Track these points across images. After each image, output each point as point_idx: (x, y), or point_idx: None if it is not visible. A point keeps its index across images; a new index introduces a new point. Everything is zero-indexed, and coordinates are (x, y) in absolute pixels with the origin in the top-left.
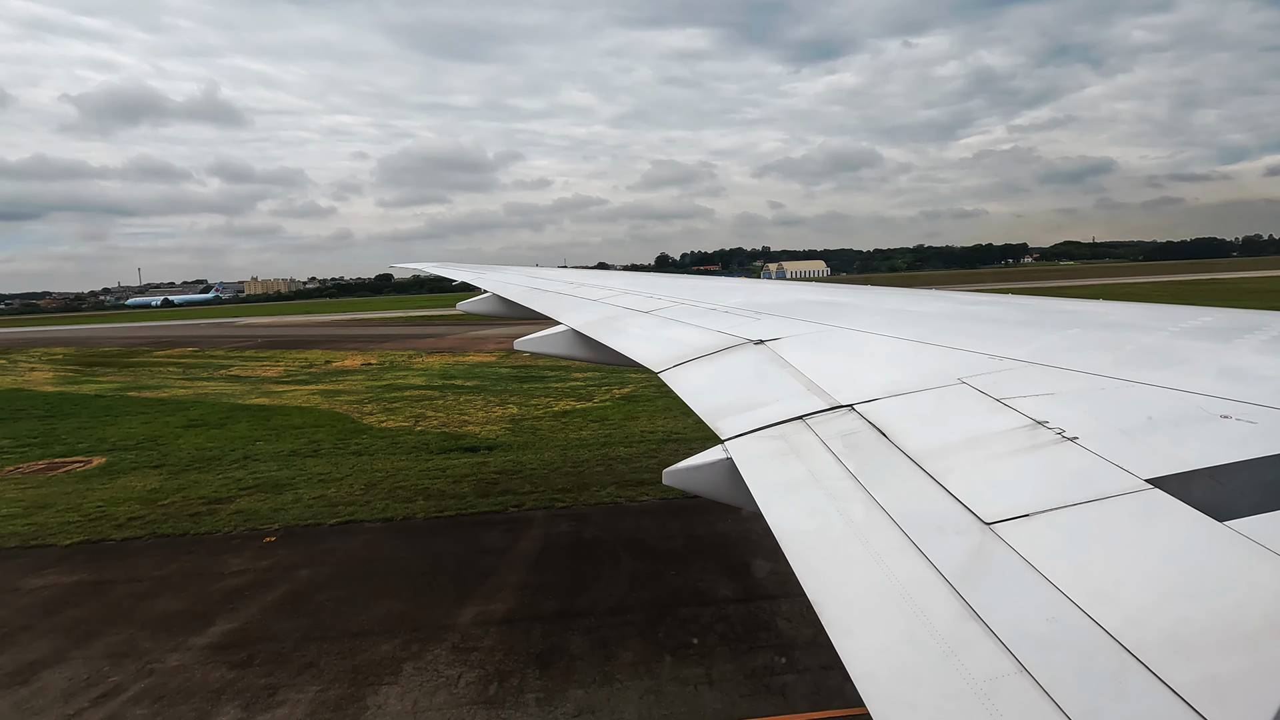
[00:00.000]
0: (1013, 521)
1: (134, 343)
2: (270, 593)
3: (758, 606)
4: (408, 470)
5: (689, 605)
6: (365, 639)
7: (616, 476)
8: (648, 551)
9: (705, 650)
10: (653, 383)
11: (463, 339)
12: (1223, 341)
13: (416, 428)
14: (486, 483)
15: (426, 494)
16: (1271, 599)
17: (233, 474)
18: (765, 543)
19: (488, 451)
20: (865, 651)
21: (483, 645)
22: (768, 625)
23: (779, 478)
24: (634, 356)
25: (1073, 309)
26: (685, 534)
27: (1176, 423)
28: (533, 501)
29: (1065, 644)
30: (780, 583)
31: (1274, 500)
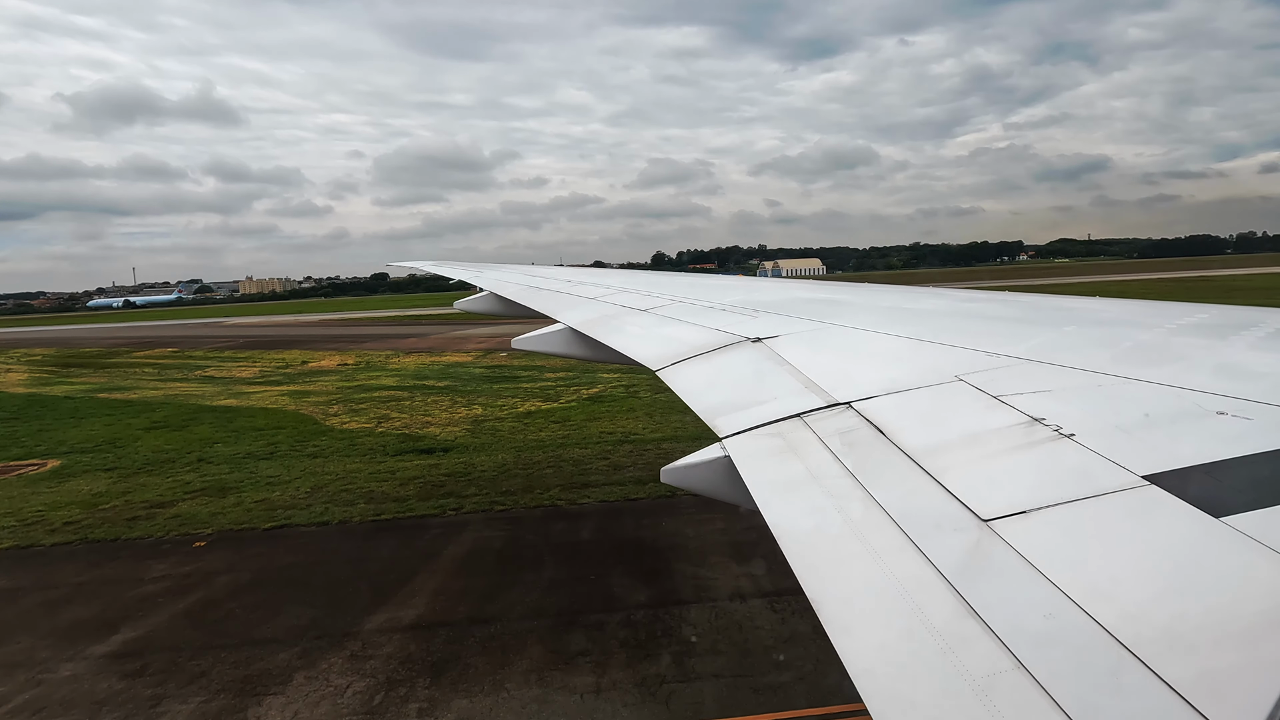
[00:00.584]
0: (1010, 518)
1: (116, 343)
2: (184, 600)
3: (668, 613)
4: (358, 473)
5: (600, 611)
6: (265, 647)
7: (564, 479)
8: (573, 555)
9: (603, 658)
10: (621, 383)
11: (444, 339)
12: (1219, 338)
13: (378, 429)
14: (433, 485)
15: (370, 497)
16: (1267, 595)
17: (183, 477)
18: (692, 545)
19: (443, 453)
20: (864, 649)
21: (381, 653)
22: (672, 632)
23: (777, 476)
24: (632, 355)
25: (1069, 306)
26: (616, 538)
27: (1173, 419)
28: (473, 505)
29: (1062, 640)
30: (698, 588)
31: (1270, 496)
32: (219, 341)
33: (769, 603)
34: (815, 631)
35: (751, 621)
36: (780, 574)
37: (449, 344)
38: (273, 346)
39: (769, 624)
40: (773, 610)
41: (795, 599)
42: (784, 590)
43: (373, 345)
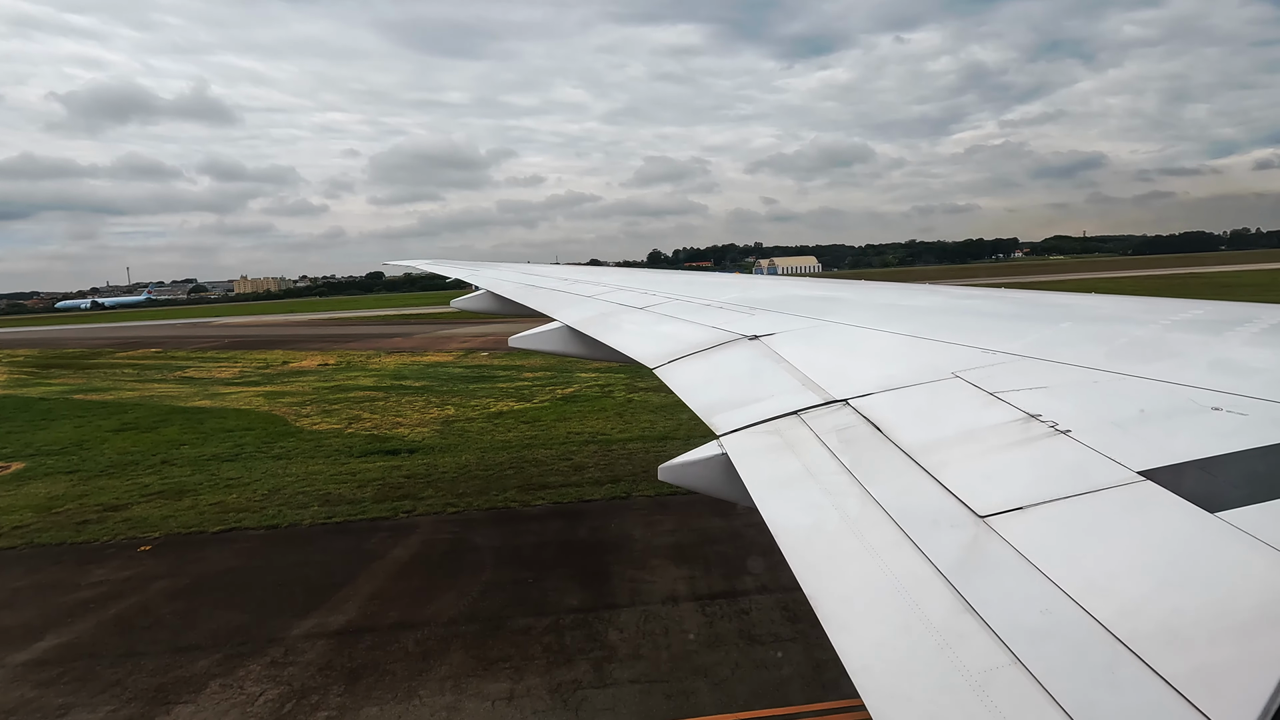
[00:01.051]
0: (1007, 515)
1: (101, 344)
2: (116, 606)
3: (598, 617)
4: (319, 475)
5: (531, 615)
6: (188, 654)
7: (524, 480)
8: (516, 558)
9: (524, 663)
10: (597, 383)
11: (429, 338)
12: (1214, 334)
13: (347, 430)
14: (392, 487)
15: (326, 500)
16: (1262, 589)
17: (143, 479)
18: (638, 548)
19: (408, 454)
20: (861, 645)
21: (302, 660)
22: (597, 637)
23: (774, 473)
24: (629, 353)
25: (1065, 303)
26: (562, 540)
27: (1168, 415)
28: (426, 507)
29: (1059, 636)
30: (633, 591)
31: (1265, 491)
32: (204, 342)
33: (700, 606)
34: (740, 635)
35: (680, 625)
36: (717, 576)
37: (433, 343)
38: (257, 347)
39: (696, 628)
40: (702, 614)
41: (727, 602)
42: (718, 593)
43: (357, 345)
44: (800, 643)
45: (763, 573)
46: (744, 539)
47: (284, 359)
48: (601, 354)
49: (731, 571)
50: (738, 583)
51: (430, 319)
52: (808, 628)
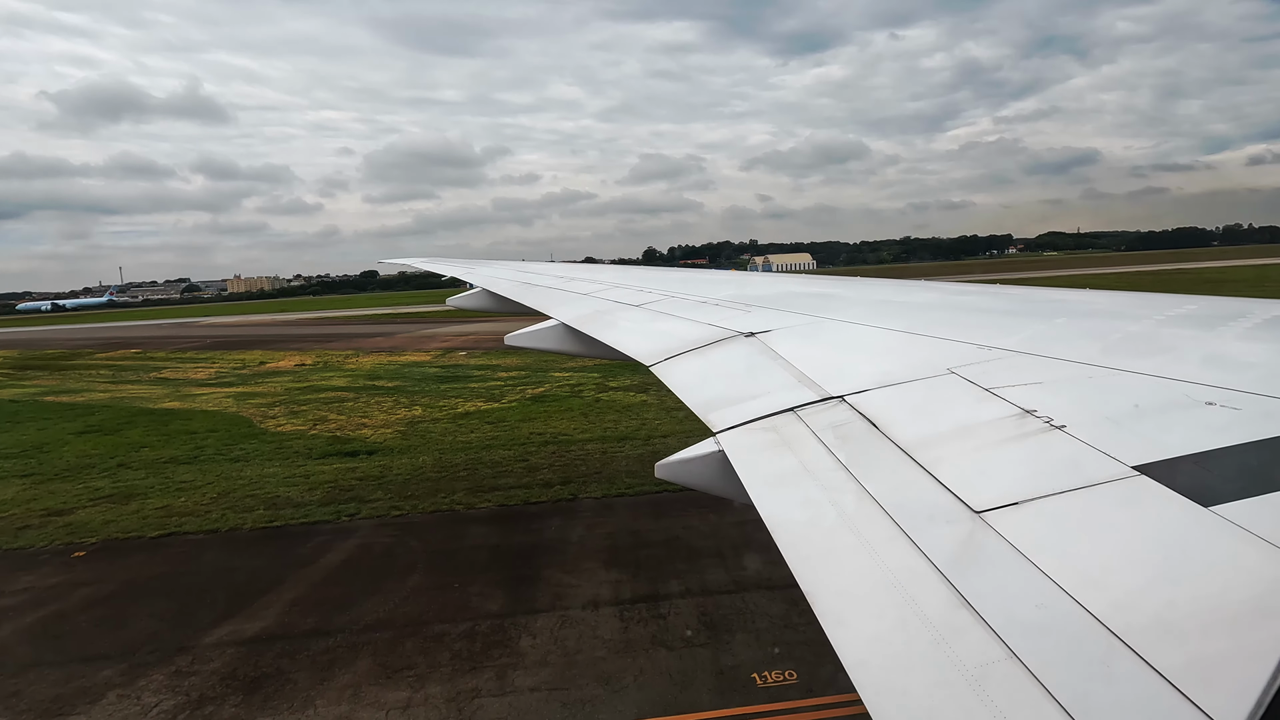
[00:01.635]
0: (1002, 510)
1: (82, 344)
2: (35, 613)
3: (514, 623)
4: (272, 477)
5: (448, 621)
6: (93, 664)
7: (475, 482)
8: (447, 562)
9: (429, 671)
10: (569, 382)
11: (410, 338)
12: (1207, 329)
13: (311, 431)
14: (342, 489)
15: (272, 503)
16: (1255, 582)
17: (95, 483)
18: (571, 551)
19: (367, 456)
20: (857, 640)
21: (207, 669)
22: (509, 643)
23: (771, 469)
24: (625, 350)
25: (1059, 298)
26: (498, 543)
27: (1162, 410)
28: (371, 510)
29: (1054, 630)
30: (556, 596)
31: (1258, 485)
32: (186, 342)
33: (620, 611)
34: (652, 641)
35: (594, 631)
36: (644, 581)
37: (413, 343)
38: (238, 347)
39: (611, 633)
40: (620, 619)
41: (647, 607)
42: (641, 598)
43: (338, 345)
44: (710, 648)
45: (689, 576)
46: (680, 541)
47: (262, 359)
48: (598, 351)
49: (660, 576)
50: (663, 587)
51: (419, 318)
52: (721, 633)
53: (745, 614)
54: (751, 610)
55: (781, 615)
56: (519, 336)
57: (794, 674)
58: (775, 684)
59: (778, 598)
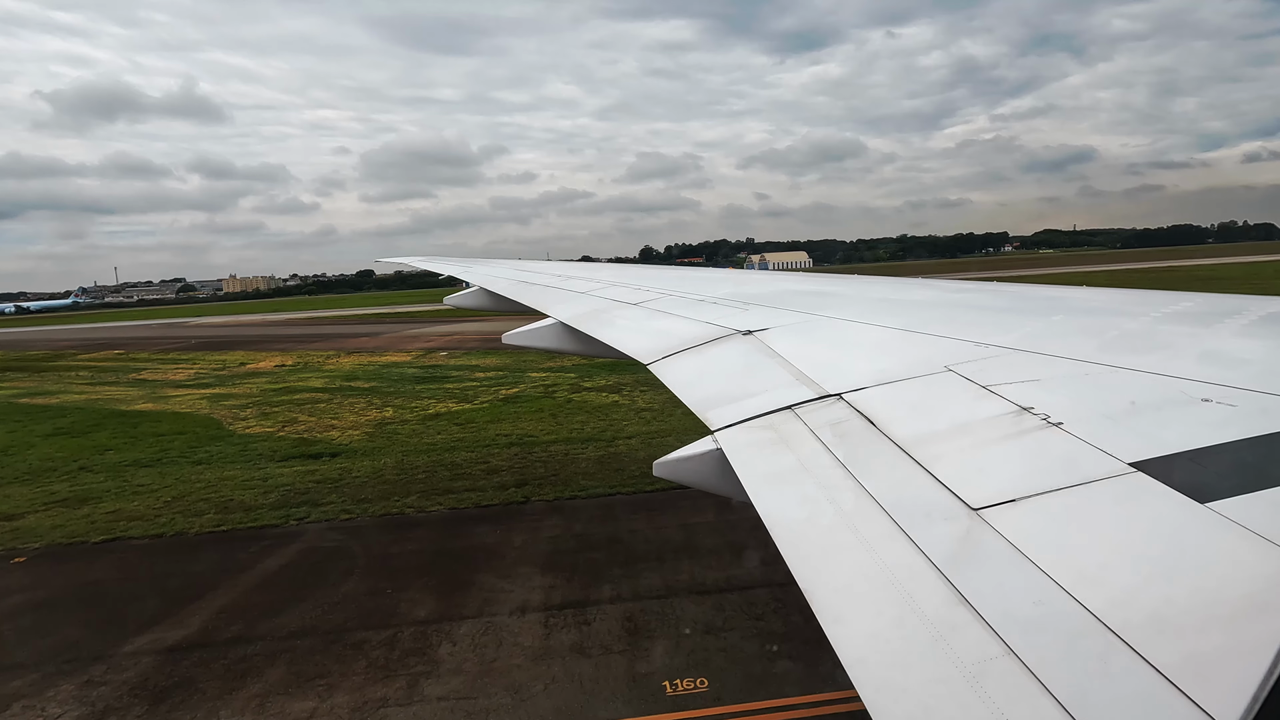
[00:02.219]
0: (999, 507)
1: (65, 345)
2: None
3: (438, 629)
4: (230, 481)
5: (373, 628)
6: (7, 673)
7: (432, 485)
8: (386, 567)
9: (340, 680)
10: (545, 382)
11: (395, 338)
12: (1203, 326)
13: (279, 433)
14: (297, 493)
15: (224, 507)
16: (1251, 578)
17: (53, 487)
18: (512, 555)
19: (330, 458)
20: (856, 637)
21: (119, 679)
22: (428, 651)
23: (769, 467)
24: (622, 349)
25: (1056, 296)
26: (440, 547)
27: (1158, 407)
28: (321, 514)
29: (1052, 626)
30: (486, 601)
31: (1254, 481)
32: (172, 343)
33: (547, 617)
34: (571, 648)
35: (515, 638)
36: (577, 586)
37: (397, 343)
38: (222, 348)
39: (532, 640)
40: (544, 626)
41: (575, 613)
42: (571, 603)
43: (322, 345)
44: (627, 656)
45: (623, 581)
46: (622, 545)
47: (243, 360)
48: (596, 350)
49: (594, 580)
50: (594, 592)
51: (410, 318)
52: (642, 640)
53: (670, 620)
54: (677, 616)
55: (706, 621)
56: (516, 335)
57: (705, 682)
58: (684, 692)
59: (706, 603)
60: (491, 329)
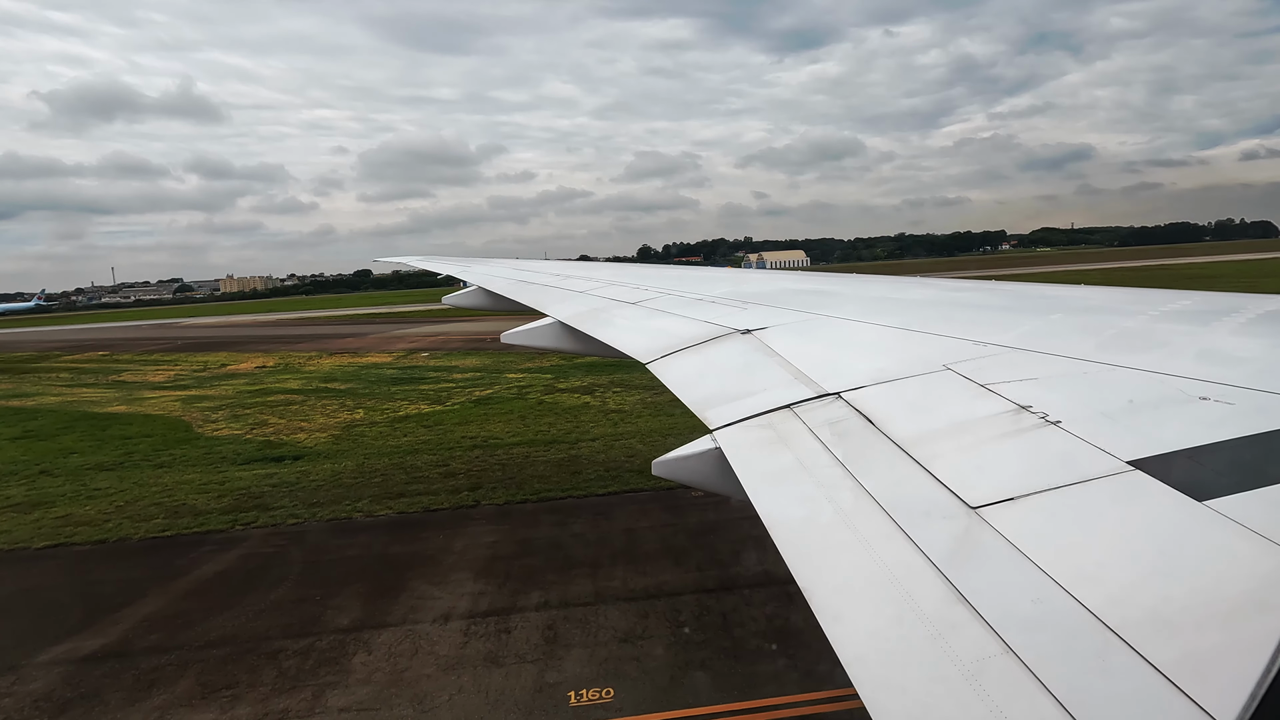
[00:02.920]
0: (998, 505)
1: (53, 346)
2: None
3: (357, 638)
4: (188, 484)
5: (291, 637)
6: None
7: (386, 488)
8: (320, 574)
9: (246, 691)
10: (520, 383)
11: (380, 338)
12: (1201, 324)
13: (246, 436)
14: (251, 497)
15: (174, 511)
16: (1249, 576)
17: (9, 491)
18: (449, 561)
19: (292, 461)
20: (855, 636)
21: (25, 690)
22: (342, 660)
23: (768, 466)
24: (621, 348)
25: (1055, 294)
26: (378, 554)
27: (1156, 405)
28: (269, 518)
29: (1050, 624)
30: (412, 609)
31: (1251, 480)
32: (158, 344)
33: (469, 625)
34: (485, 658)
35: (432, 647)
36: (507, 592)
37: (381, 343)
38: (207, 349)
39: (449, 649)
40: (465, 634)
41: (498, 621)
42: (497, 610)
43: (308, 345)
44: (540, 665)
45: (555, 587)
46: (561, 550)
47: (225, 361)
48: (594, 349)
49: (526, 587)
50: (523, 599)
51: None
52: (559, 649)
53: (593, 628)
54: (599, 624)
55: (627, 629)
56: (515, 335)
57: (611, 692)
58: (588, 703)
59: (632, 610)
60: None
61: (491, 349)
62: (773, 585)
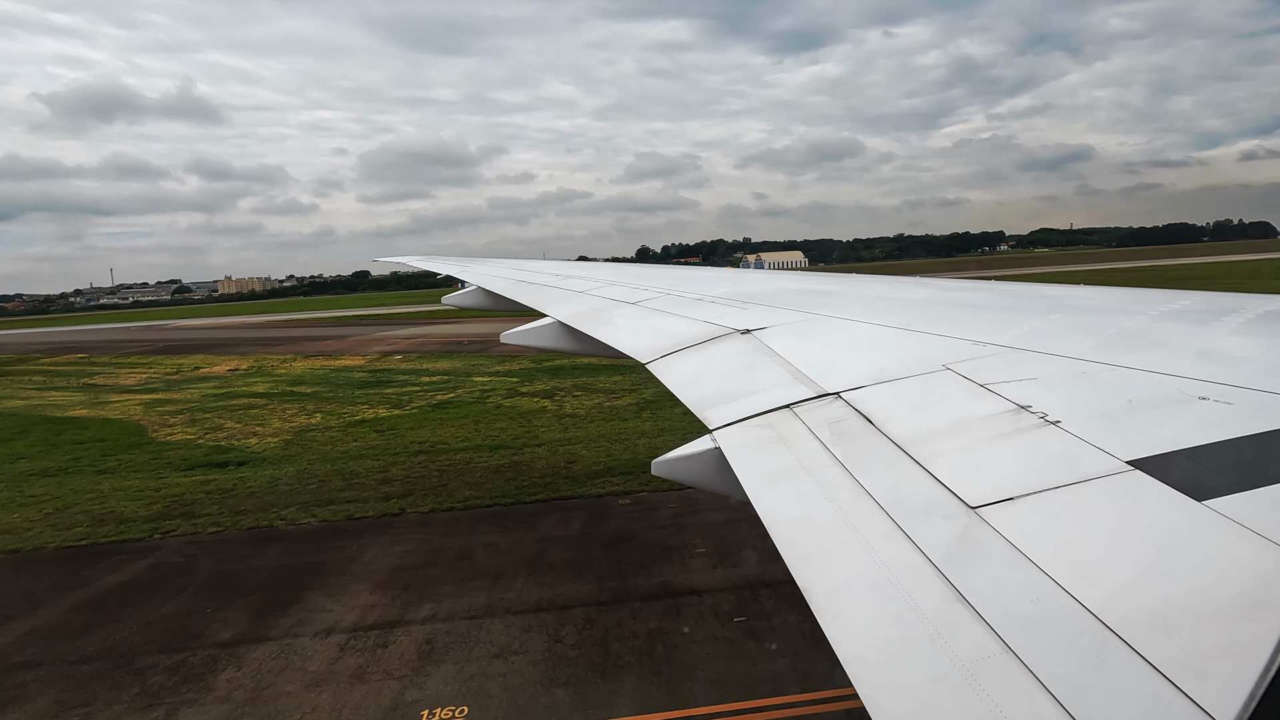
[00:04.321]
0: (997, 505)
1: (33, 349)
2: None
3: (232, 653)
4: (123, 491)
5: (168, 652)
6: None
7: (320, 495)
8: (220, 585)
9: (102, 709)
10: (486, 387)
11: (360, 340)
12: (1200, 324)
13: (199, 441)
14: (182, 504)
15: (100, 519)
16: (1248, 576)
17: None
18: (354, 571)
19: (236, 467)
20: (854, 635)
21: None
22: (208, 677)
23: (767, 466)
24: (621, 348)
25: (1054, 294)
26: (286, 564)
27: (1156, 405)
28: (192, 526)
29: (1049, 624)
30: (298, 623)
31: (1250, 479)
32: (139, 346)
33: (349, 638)
34: (354, 676)
35: (303, 663)
36: (399, 605)
37: (359, 346)
38: (186, 351)
39: (320, 665)
40: (341, 648)
41: (380, 634)
42: (383, 624)
43: (286, 348)
44: (403, 681)
45: (448, 600)
46: (469, 561)
47: (200, 364)
48: (594, 349)
49: (420, 599)
50: (413, 612)
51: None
52: (429, 664)
53: (471, 642)
54: (480, 638)
55: (504, 644)
56: (514, 335)
57: (465, 710)
58: None
59: (516, 624)
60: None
61: (466, 352)
62: (666, 598)
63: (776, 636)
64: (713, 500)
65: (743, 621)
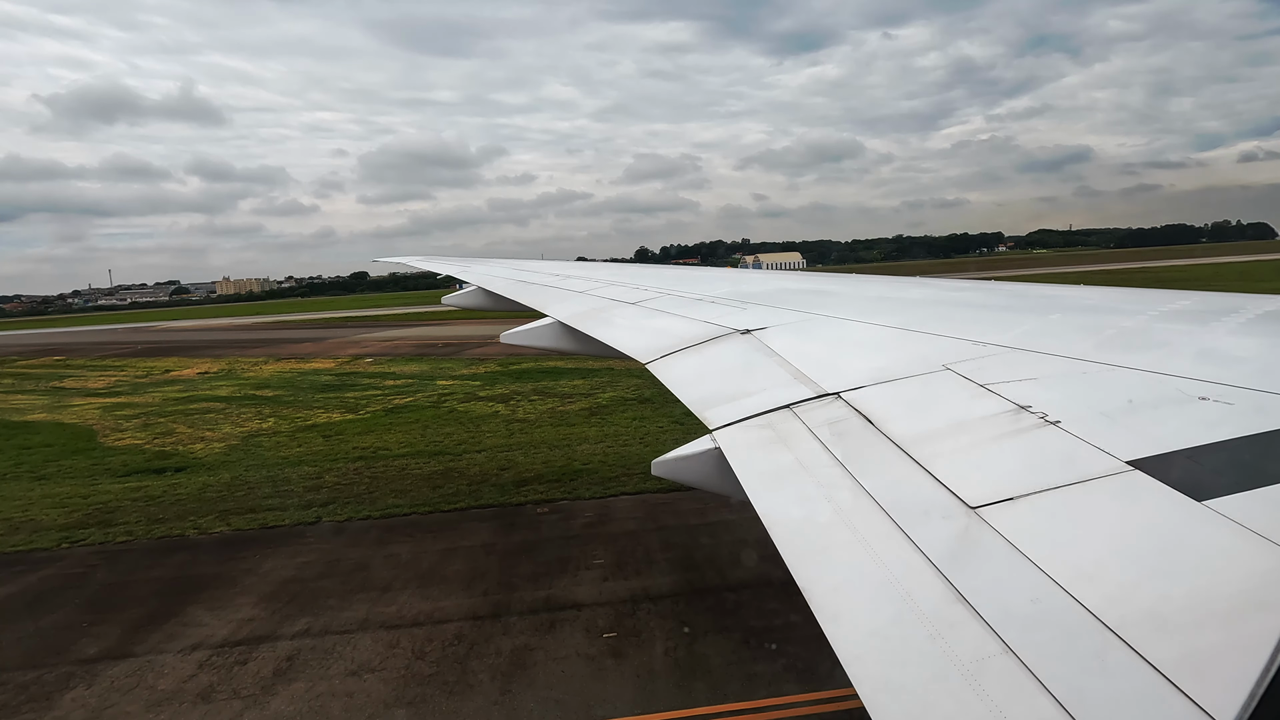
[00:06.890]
0: (997, 505)
1: (10, 351)
2: None
3: (90, 669)
4: (51, 498)
5: (22, 669)
6: None
7: (244, 503)
8: (107, 597)
9: None
10: (444, 390)
11: (338, 343)
12: (1200, 324)
13: (145, 445)
14: (106, 511)
15: (15, 528)
16: (1247, 576)
17: None
18: (246, 581)
19: (173, 474)
20: (854, 635)
21: None
22: (53, 696)
23: (767, 466)
24: (621, 348)
25: (1053, 294)
26: (183, 575)
27: (1156, 405)
28: (105, 534)
29: (1049, 624)
30: (168, 638)
31: (1250, 480)
32: (117, 348)
33: (213, 655)
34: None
35: (157, 681)
36: (280, 619)
37: (333, 348)
38: (162, 354)
39: (170, 684)
40: (201, 666)
41: (246, 650)
42: (254, 639)
43: (261, 350)
44: (250, 701)
45: (326, 614)
46: (364, 573)
47: (171, 367)
48: (593, 349)
49: (299, 613)
50: (287, 627)
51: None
52: (281, 684)
53: (333, 659)
54: (343, 654)
55: (364, 661)
56: (514, 335)
57: None
58: None
59: (384, 639)
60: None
61: (436, 354)
62: (545, 612)
63: (640, 653)
64: (629, 509)
65: (612, 638)
